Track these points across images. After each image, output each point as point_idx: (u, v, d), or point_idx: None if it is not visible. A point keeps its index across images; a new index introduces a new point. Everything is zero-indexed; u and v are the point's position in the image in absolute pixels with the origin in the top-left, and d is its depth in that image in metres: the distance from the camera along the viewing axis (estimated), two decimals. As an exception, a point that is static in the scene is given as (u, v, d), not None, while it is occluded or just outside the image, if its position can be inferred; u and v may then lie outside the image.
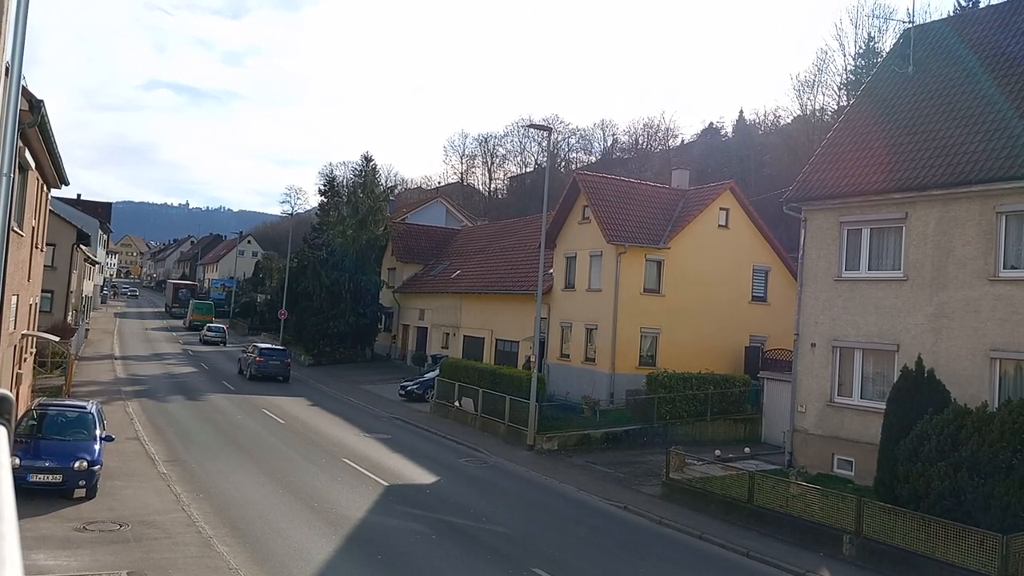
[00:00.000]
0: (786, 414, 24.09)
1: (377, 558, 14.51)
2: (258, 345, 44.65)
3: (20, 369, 22.68)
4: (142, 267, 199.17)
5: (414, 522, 17.01)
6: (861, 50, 55.61)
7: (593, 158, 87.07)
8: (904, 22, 29.20)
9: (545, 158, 71.34)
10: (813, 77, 61.34)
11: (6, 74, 7.98)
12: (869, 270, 21.66)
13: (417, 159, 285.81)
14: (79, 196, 76.08)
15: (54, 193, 28.90)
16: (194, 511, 16.45)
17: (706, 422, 28.90)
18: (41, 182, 23.03)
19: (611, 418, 29.45)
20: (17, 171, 11.83)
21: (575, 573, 14.62)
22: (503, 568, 14.43)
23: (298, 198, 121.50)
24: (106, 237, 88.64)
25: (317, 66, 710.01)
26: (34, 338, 26.72)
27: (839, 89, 57.43)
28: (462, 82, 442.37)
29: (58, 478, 16.33)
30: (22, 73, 7.89)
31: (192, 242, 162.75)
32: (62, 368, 32.98)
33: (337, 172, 69.91)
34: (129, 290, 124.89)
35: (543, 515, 18.70)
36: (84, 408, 18.95)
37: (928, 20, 35.74)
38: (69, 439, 17.34)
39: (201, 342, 60.39)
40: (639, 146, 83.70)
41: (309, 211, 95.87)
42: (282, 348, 45.05)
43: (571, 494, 21.06)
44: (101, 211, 78.63)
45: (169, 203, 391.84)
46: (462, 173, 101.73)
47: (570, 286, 36.03)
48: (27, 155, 18.16)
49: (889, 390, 18.66)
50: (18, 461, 15.76)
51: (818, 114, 58.62)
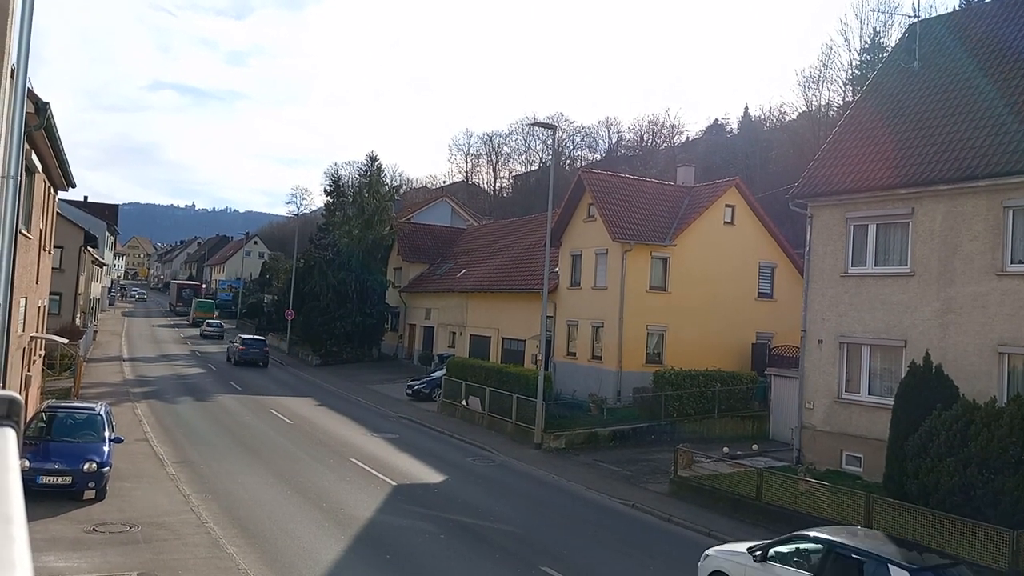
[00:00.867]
0: (794, 411, 24.04)
1: (386, 557, 14.55)
2: (241, 336, 51.58)
3: (29, 371, 22.80)
4: (149, 269, 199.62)
5: (422, 521, 17.03)
6: (866, 45, 55.39)
7: (598, 156, 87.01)
8: (910, 16, 29.14)
9: (550, 156, 71.26)
10: (818, 73, 61.32)
11: (11, 76, 8.00)
12: (876, 266, 21.58)
13: (422, 158, 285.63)
14: (86, 198, 76.34)
15: (61, 195, 29.00)
16: (203, 512, 16.51)
17: (713, 419, 28.86)
18: (48, 184, 23.13)
19: (618, 416, 29.44)
20: (24, 174, 11.88)
21: (584, 571, 14.63)
22: (512, 567, 14.45)
23: (304, 198, 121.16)
24: (113, 239, 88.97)
25: (321, 65, 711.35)
26: (43, 340, 26.84)
27: (844, 85, 57.25)
28: (466, 81, 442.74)
29: (67, 480, 16.40)
30: (28, 75, 7.89)
31: (199, 243, 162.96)
32: (71, 370, 33.11)
33: (342, 172, 69.94)
34: (137, 293, 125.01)
35: (551, 514, 18.71)
36: (93, 410, 19.01)
37: (933, 15, 35.59)
38: (78, 441, 17.42)
39: (201, 336, 65.72)
40: (644, 143, 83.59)
41: (315, 211, 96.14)
42: (261, 339, 51.33)
43: (579, 492, 21.06)
44: (108, 213, 78.93)
45: (175, 204, 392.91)
46: (467, 172, 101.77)
47: (576, 284, 36.00)
48: (34, 158, 18.24)
49: (897, 386, 18.59)
50: (27, 463, 15.83)
51: (823, 110, 58.45)
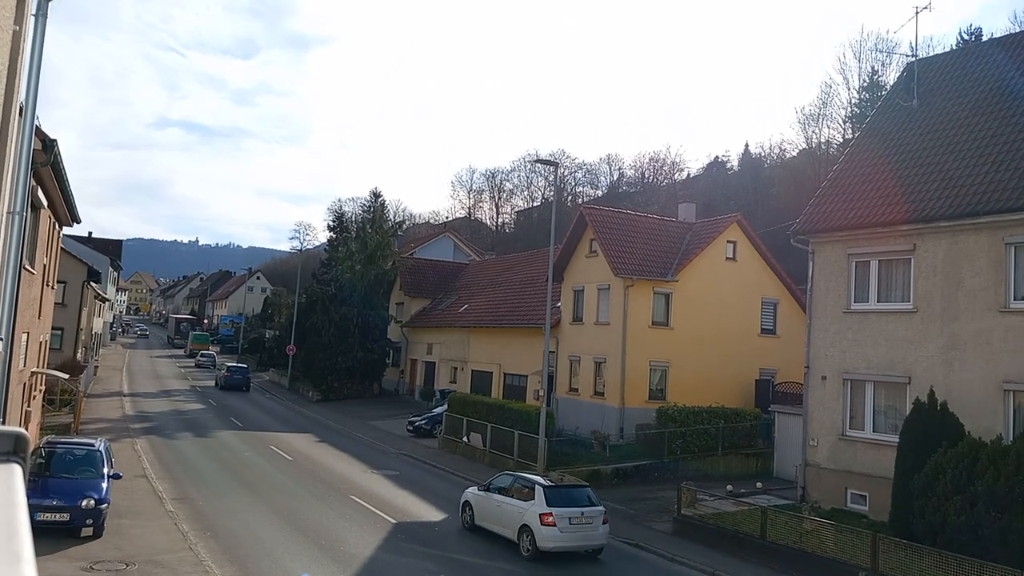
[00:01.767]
0: (798, 448, 23.83)
1: (385, 597, 14.33)
2: (227, 364, 59.45)
3: (29, 407, 22.71)
4: (151, 304, 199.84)
5: (424, 560, 16.82)
6: (865, 83, 56.08)
7: (599, 192, 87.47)
8: (907, 56, 29.42)
9: (552, 192, 71.70)
10: (818, 110, 61.87)
11: (20, 114, 8.09)
12: (878, 302, 21.55)
13: (425, 194, 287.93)
14: (90, 234, 76.63)
15: (65, 231, 29.15)
16: (201, 550, 16.31)
17: (717, 456, 28.62)
18: (53, 220, 23.26)
19: (621, 453, 29.19)
20: (30, 210, 11.96)
21: (586, 612, 14.39)
22: (513, 607, 14.22)
23: (307, 234, 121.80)
24: (116, 274, 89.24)
25: (326, 105, 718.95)
26: (43, 375, 26.78)
27: (844, 122, 57.82)
28: (469, 117, 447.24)
29: (65, 517, 16.25)
30: (36, 113, 7.98)
31: (201, 278, 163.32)
32: (71, 405, 32.99)
33: (346, 208, 70.73)
34: (139, 329, 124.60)
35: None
36: (92, 446, 18.87)
37: (931, 53, 35.99)
38: (77, 477, 17.27)
39: (196, 366, 70.15)
40: (645, 180, 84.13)
41: (318, 247, 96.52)
42: (243, 366, 57.43)
43: (581, 530, 20.75)
44: (112, 248, 79.22)
45: (179, 240, 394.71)
46: (470, 208, 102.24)
47: (578, 319, 35.97)
48: (40, 194, 18.36)
49: (901, 423, 18.46)
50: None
51: (824, 147, 58.96)
